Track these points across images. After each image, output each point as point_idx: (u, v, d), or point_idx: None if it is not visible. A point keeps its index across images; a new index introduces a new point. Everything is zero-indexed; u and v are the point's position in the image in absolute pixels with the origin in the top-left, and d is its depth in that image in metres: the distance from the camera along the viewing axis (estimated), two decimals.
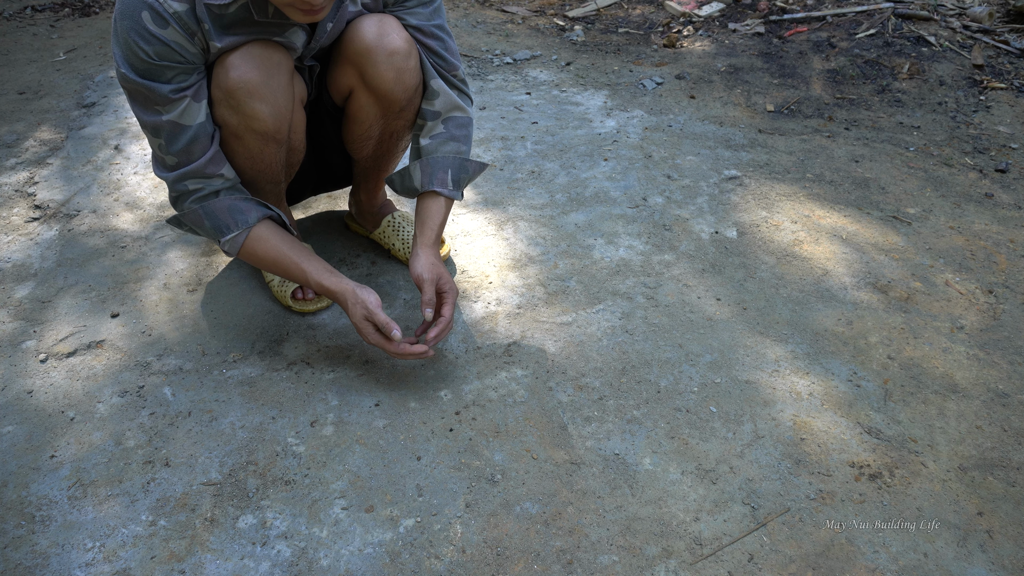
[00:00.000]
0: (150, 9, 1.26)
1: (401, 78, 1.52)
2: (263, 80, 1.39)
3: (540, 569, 1.19)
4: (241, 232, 1.47)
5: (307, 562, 1.20)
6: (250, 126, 1.43)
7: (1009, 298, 1.78)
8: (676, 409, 1.47)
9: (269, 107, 1.42)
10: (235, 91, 1.38)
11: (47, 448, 1.39)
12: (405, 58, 1.51)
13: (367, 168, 1.78)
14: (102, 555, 1.21)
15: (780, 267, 1.88)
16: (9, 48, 3.37)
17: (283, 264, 1.49)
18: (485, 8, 3.94)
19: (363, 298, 1.42)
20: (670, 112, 2.75)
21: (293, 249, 1.49)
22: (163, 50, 1.29)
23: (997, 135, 2.54)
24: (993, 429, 1.44)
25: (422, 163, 1.60)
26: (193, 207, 1.46)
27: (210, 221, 1.47)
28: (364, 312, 1.42)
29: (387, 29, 1.49)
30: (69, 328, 1.67)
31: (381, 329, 1.42)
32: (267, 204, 1.53)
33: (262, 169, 1.54)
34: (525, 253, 1.93)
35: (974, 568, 1.19)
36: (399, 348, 1.42)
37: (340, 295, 1.45)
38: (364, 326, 1.43)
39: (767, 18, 3.46)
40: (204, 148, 1.42)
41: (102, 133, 2.54)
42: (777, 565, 1.19)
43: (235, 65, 1.37)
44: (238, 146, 1.47)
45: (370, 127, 1.63)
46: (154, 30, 1.27)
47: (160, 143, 1.39)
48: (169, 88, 1.33)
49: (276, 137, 1.48)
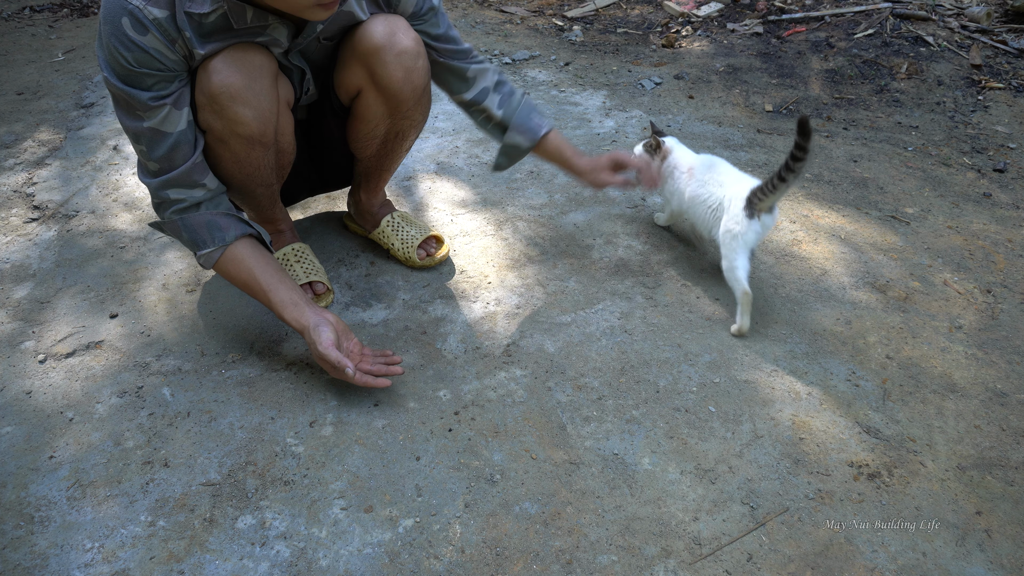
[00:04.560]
0: (130, 15, 1.25)
1: (410, 77, 1.53)
2: (245, 84, 1.39)
3: (539, 569, 1.19)
4: (217, 249, 1.47)
5: (306, 562, 1.20)
6: (234, 130, 1.42)
7: (1007, 297, 1.79)
8: (675, 409, 1.47)
9: (252, 111, 1.42)
10: (218, 95, 1.37)
11: (46, 449, 1.39)
12: (414, 58, 1.52)
13: (370, 168, 1.78)
14: (101, 556, 1.20)
15: (779, 267, 1.88)
16: (7, 48, 3.36)
17: (252, 289, 1.48)
18: (484, 8, 3.94)
19: (314, 339, 1.41)
20: (669, 112, 2.75)
21: (265, 274, 1.47)
22: (143, 57, 1.28)
23: (995, 135, 2.55)
24: (991, 428, 1.44)
25: (515, 128, 1.72)
26: (173, 218, 1.45)
27: (188, 234, 1.46)
28: (316, 349, 1.41)
29: (396, 29, 1.50)
30: (68, 329, 1.67)
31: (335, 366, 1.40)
32: (248, 222, 1.51)
33: (250, 173, 1.53)
34: (524, 253, 1.93)
35: (973, 567, 1.20)
36: (361, 380, 1.42)
37: (301, 331, 1.45)
38: (322, 363, 1.43)
39: (765, 18, 3.46)
40: (186, 155, 1.41)
41: (100, 133, 2.54)
42: (776, 565, 1.19)
43: (217, 69, 1.36)
44: (224, 151, 1.46)
45: (376, 126, 1.64)
46: (134, 36, 1.26)
47: (142, 149, 1.39)
48: (148, 96, 1.32)
49: (262, 140, 1.48)
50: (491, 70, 1.71)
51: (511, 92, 1.72)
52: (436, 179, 2.27)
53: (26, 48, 3.38)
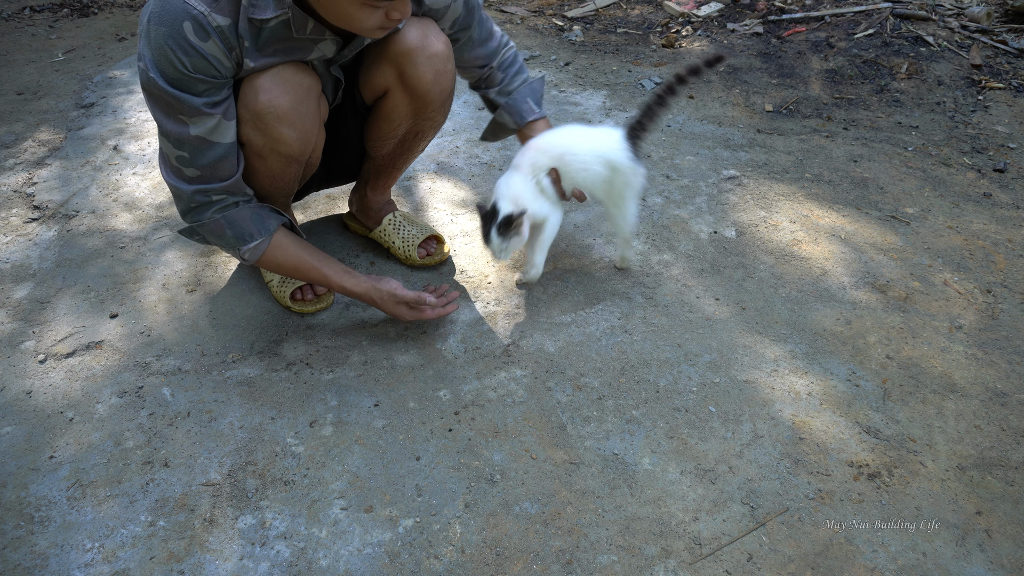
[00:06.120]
0: (194, 21, 1.24)
1: (439, 80, 1.56)
2: (292, 105, 1.40)
3: (539, 569, 1.19)
4: (264, 240, 1.49)
5: (306, 562, 1.20)
6: (275, 148, 1.44)
7: (1007, 298, 1.79)
8: (675, 409, 1.47)
9: (297, 132, 1.44)
10: (264, 115, 1.38)
11: (46, 449, 1.39)
12: (445, 61, 1.55)
13: (382, 166, 1.79)
14: (101, 556, 1.20)
15: (779, 267, 1.88)
16: (8, 48, 3.36)
17: (303, 269, 1.55)
18: (484, 8, 3.94)
19: (387, 289, 1.55)
20: (669, 112, 2.75)
21: (312, 254, 1.55)
22: (201, 63, 1.27)
23: (995, 135, 2.55)
24: (992, 428, 1.44)
25: (506, 107, 1.75)
26: (215, 217, 1.45)
27: (232, 230, 1.47)
28: (393, 299, 1.55)
29: (429, 32, 1.52)
30: (68, 329, 1.67)
31: (413, 305, 1.56)
32: (280, 211, 1.55)
33: (280, 186, 1.56)
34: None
35: (973, 567, 1.19)
36: (435, 312, 1.59)
37: (365, 294, 1.56)
38: (398, 311, 1.57)
39: (766, 18, 3.46)
40: (232, 168, 1.42)
41: (101, 133, 2.54)
42: (776, 565, 1.19)
43: (265, 88, 1.37)
44: (260, 165, 1.48)
45: (398, 126, 1.66)
46: (195, 42, 1.25)
47: (182, 155, 1.37)
48: (201, 101, 1.31)
49: (299, 159, 1.51)
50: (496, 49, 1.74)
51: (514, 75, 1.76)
52: (436, 179, 2.27)
53: (26, 48, 3.38)
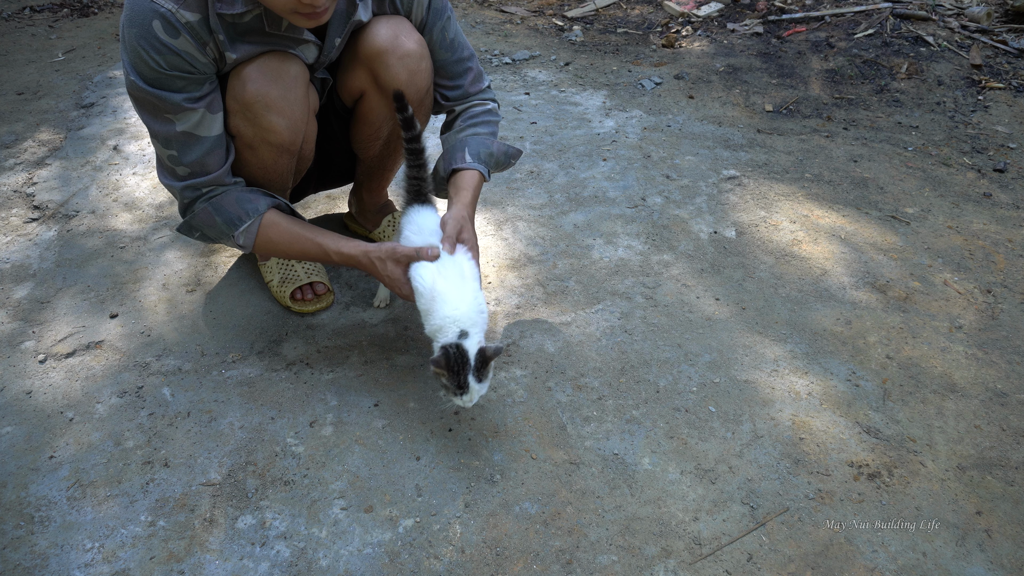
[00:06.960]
0: (161, 18, 1.24)
1: (414, 79, 1.52)
2: (280, 94, 1.39)
3: (539, 569, 1.19)
4: (254, 221, 1.46)
5: (306, 562, 1.20)
6: (266, 138, 1.43)
7: (1007, 297, 1.79)
8: (675, 409, 1.47)
9: (286, 120, 1.43)
10: (252, 104, 1.38)
11: (46, 449, 1.39)
12: (418, 60, 1.52)
13: (372, 168, 1.78)
14: (101, 556, 1.20)
15: (779, 267, 1.88)
16: (8, 49, 3.36)
17: (299, 243, 1.47)
18: (484, 8, 3.94)
19: (386, 247, 1.41)
20: (669, 112, 2.75)
21: (305, 228, 1.48)
22: (174, 60, 1.28)
23: (995, 135, 2.54)
24: (992, 428, 1.44)
25: (441, 155, 1.61)
26: (203, 205, 1.45)
27: (221, 216, 1.46)
28: (392, 256, 1.39)
29: (400, 31, 1.49)
30: (68, 329, 1.67)
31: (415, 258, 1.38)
32: (271, 193, 1.52)
33: (273, 178, 1.54)
34: (524, 253, 1.93)
35: (973, 567, 1.19)
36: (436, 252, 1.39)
37: (362, 257, 1.43)
38: (395, 275, 1.41)
39: (766, 18, 3.46)
40: (220, 161, 1.41)
41: (101, 133, 2.54)
42: (776, 565, 1.19)
43: (252, 78, 1.36)
44: (251, 156, 1.47)
45: (379, 128, 1.64)
46: (165, 39, 1.25)
47: (171, 154, 1.38)
48: (181, 97, 1.31)
49: (290, 149, 1.49)
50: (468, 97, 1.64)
51: (469, 126, 1.62)
52: None
53: (26, 48, 3.38)
